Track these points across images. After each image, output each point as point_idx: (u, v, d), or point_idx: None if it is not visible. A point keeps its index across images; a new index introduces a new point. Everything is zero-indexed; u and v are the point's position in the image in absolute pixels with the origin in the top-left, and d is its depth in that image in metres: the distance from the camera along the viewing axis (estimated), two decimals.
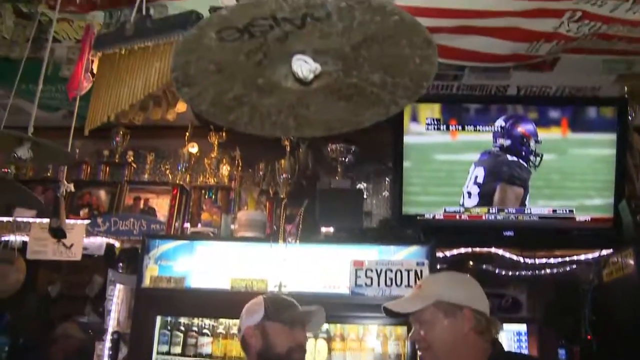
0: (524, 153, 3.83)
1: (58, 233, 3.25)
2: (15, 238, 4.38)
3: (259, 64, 1.43)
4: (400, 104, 1.54)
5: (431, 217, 3.81)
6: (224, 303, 3.29)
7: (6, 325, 4.72)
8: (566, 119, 3.85)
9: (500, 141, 3.83)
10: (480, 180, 3.83)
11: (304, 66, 1.41)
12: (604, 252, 3.77)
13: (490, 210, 3.79)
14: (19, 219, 4.32)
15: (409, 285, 3.26)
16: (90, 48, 3.27)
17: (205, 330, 3.54)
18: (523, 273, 4.07)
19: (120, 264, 4.03)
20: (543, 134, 3.82)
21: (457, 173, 3.87)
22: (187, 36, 1.37)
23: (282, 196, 3.79)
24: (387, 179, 4.42)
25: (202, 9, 3.16)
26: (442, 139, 3.87)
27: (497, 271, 4.09)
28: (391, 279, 3.31)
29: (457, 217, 3.81)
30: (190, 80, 1.44)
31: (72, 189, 3.31)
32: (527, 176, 3.83)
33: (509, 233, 3.79)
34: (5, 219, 4.35)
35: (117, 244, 4.23)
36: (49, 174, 4.59)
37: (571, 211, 3.78)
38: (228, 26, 1.34)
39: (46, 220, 4.26)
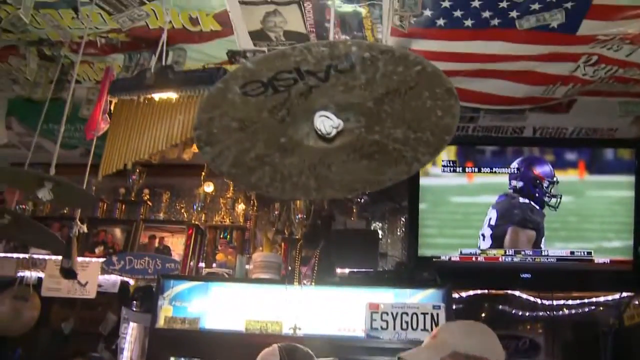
0: (537, 195, 3.81)
1: (69, 274, 3.26)
2: (30, 274, 4.40)
3: (282, 121, 1.43)
4: (423, 161, 1.53)
5: (447, 259, 3.78)
6: (238, 345, 3.28)
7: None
8: (583, 161, 3.83)
9: (514, 183, 3.81)
10: (493, 222, 3.81)
11: (327, 122, 1.42)
12: (624, 294, 3.71)
13: (507, 252, 3.75)
14: (34, 256, 4.34)
15: (424, 328, 3.21)
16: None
17: None
18: (540, 314, 4.01)
19: (135, 302, 4.01)
20: (560, 176, 3.80)
21: (473, 215, 3.85)
22: (212, 91, 1.38)
23: (297, 237, 3.78)
24: (402, 218, 4.41)
25: (220, 52, 3.25)
26: (458, 181, 3.86)
27: (513, 312, 4.04)
28: (407, 323, 3.27)
29: (473, 259, 3.77)
30: (212, 138, 1.45)
31: (85, 230, 3.33)
32: (540, 219, 3.80)
33: (526, 275, 3.74)
34: (21, 255, 4.38)
35: (131, 282, 4.23)
36: (65, 211, 4.61)
37: (589, 253, 3.74)
38: (253, 80, 1.34)
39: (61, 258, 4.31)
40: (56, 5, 2.96)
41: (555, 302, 3.91)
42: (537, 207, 3.79)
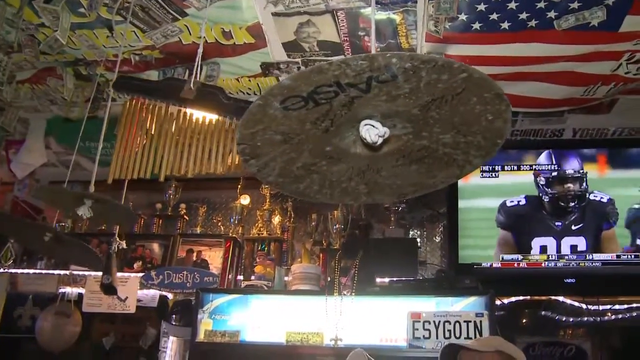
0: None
1: (109, 289, 3.30)
2: (71, 290, 4.47)
3: (326, 131, 1.41)
4: (475, 164, 1.50)
5: (488, 265, 3.71)
6: (279, 357, 3.26)
7: None
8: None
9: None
10: None
11: (372, 131, 1.39)
12: None
13: (550, 258, 3.66)
14: (75, 272, 4.40)
15: (468, 337, 3.15)
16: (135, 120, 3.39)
17: None
18: (585, 319, 3.90)
19: (174, 316, 4.02)
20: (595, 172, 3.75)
21: None
22: (251, 108, 1.37)
23: (335, 247, 3.75)
24: (440, 225, 4.35)
25: (253, 64, 3.25)
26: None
27: (556, 318, 3.95)
28: (449, 331, 3.20)
29: (515, 265, 3.69)
30: (257, 151, 1.43)
31: (124, 246, 3.37)
32: None
33: (571, 280, 3.64)
34: (62, 272, 4.44)
35: (170, 296, 4.25)
36: (103, 227, 4.66)
37: (637, 256, 3.62)
38: (292, 95, 1.33)
39: (100, 274, 4.36)
40: (91, 25, 3.01)
41: (601, 307, 3.80)
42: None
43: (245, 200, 4.27)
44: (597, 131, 3.84)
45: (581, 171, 3.75)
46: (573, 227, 3.71)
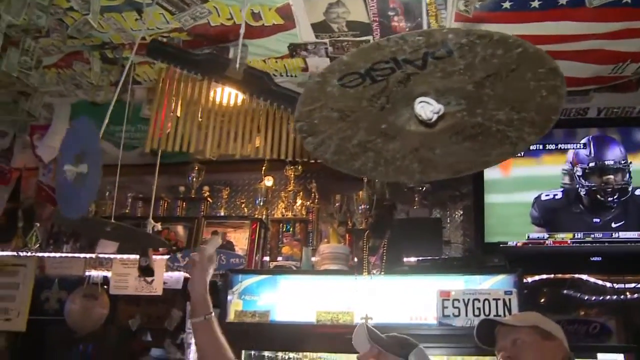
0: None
1: (147, 272, 3.33)
2: (97, 274, 4.52)
3: (382, 109, 1.43)
4: (528, 141, 1.52)
5: (514, 244, 3.73)
6: (310, 336, 3.30)
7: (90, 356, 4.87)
8: None
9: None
10: None
11: (427, 107, 1.41)
12: None
13: (576, 236, 3.68)
14: (101, 255, 4.44)
15: (497, 314, 3.19)
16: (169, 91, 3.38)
17: None
18: (609, 298, 3.93)
19: None
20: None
21: None
22: (310, 85, 1.39)
23: (362, 227, 3.78)
24: (462, 205, 4.36)
25: (281, 45, 3.26)
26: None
27: (579, 296, 3.97)
28: (479, 309, 3.25)
29: (542, 243, 3.71)
30: (314, 129, 1.46)
31: (159, 228, 3.39)
32: None
33: (597, 259, 3.66)
34: (88, 255, 4.48)
35: None
36: (127, 211, 4.70)
37: None
38: (350, 72, 1.35)
39: (127, 257, 4.40)
40: (120, 8, 3.01)
41: (626, 286, 3.81)
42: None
43: (269, 182, 4.29)
44: (622, 109, 3.83)
45: (623, 161, 3.68)
46: (613, 225, 3.66)
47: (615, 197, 3.64)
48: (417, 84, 1.41)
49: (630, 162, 3.67)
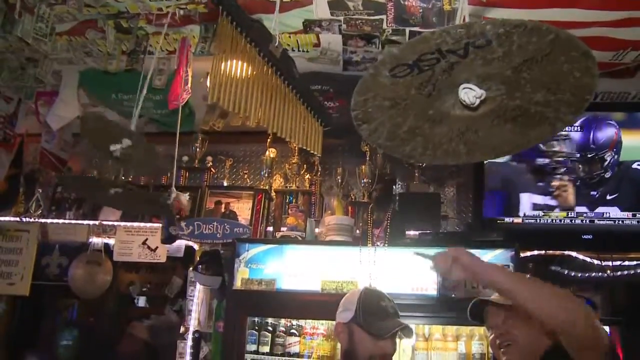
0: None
1: (171, 239, 3.40)
2: (100, 240, 4.59)
3: (429, 96, 1.55)
4: (566, 120, 1.64)
5: (511, 221, 3.88)
6: (314, 304, 3.42)
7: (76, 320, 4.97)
8: None
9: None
10: None
11: (470, 93, 1.53)
12: None
13: (569, 214, 3.84)
14: (104, 222, 4.51)
15: None
16: (187, 60, 3.42)
17: (293, 330, 3.68)
18: (596, 274, 4.09)
19: (200, 266, 4.16)
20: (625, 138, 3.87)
21: None
22: (364, 77, 1.50)
23: (365, 200, 3.89)
24: (457, 180, 4.49)
25: (296, 21, 3.32)
26: None
27: (566, 272, 4.12)
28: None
29: (536, 220, 3.87)
30: (368, 116, 1.57)
31: (188, 197, 3.43)
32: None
33: (588, 236, 3.83)
34: (91, 222, 4.55)
35: (196, 246, 4.38)
36: (130, 179, 4.75)
37: None
38: (399, 63, 1.46)
39: (130, 224, 4.47)
40: None
41: (613, 263, 3.98)
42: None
43: (272, 153, 4.38)
44: (619, 94, 3.97)
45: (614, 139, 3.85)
46: (608, 197, 3.85)
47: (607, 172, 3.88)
48: (460, 71, 1.52)
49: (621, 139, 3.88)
